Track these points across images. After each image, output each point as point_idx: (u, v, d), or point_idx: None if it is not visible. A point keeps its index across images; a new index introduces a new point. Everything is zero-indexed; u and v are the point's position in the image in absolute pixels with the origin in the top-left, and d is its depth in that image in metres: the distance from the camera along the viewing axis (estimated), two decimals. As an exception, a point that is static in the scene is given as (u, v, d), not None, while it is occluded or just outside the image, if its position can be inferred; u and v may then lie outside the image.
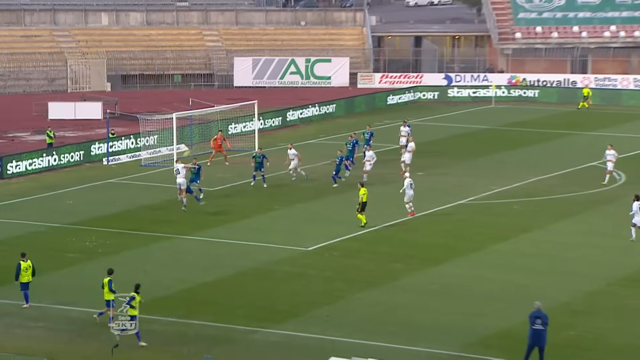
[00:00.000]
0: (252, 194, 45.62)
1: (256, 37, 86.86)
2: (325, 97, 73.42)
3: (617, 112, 71.06)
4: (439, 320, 29.23)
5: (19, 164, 50.63)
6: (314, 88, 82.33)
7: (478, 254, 35.94)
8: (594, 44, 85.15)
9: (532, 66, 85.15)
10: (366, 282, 32.80)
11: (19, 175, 50.19)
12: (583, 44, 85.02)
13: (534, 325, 25.37)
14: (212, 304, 30.77)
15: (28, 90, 79.17)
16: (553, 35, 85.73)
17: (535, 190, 46.07)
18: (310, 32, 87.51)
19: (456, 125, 65.46)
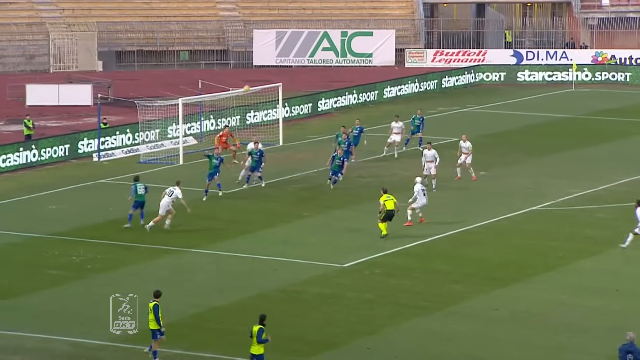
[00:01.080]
0: (275, 197, 45.68)
1: (281, 5, 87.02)
2: (366, 79, 73.45)
3: None
4: (508, 355, 29.08)
5: (-9, 160, 51.04)
6: (351, 68, 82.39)
7: (556, 274, 35.76)
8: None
9: (623, 40, 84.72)
10: (416, 307, 32.71)
11: (-9, 174, 50.59)
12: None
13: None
14: (228, 333, 30.79)
15: (1, 69, 79.82)
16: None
17: (628, 194, 45.73)
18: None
19: (528, 114, 65.28)
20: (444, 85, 74.70)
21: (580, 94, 72.82)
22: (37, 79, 73.59)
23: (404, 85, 72.30)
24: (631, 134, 59.10)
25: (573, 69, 75.79)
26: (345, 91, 68.43)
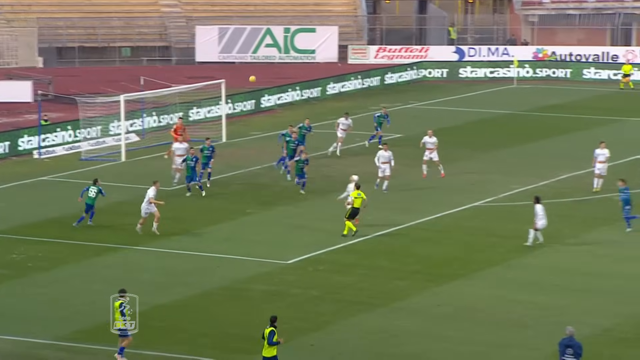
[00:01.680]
0: (220, 194, 45.52)
1: (223, 1, 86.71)
2: (309, 76, 73.38)
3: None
4: (452, 352, 29.16)
5: None
6: (295, 64, 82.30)
7: (500, 269, 35.95)
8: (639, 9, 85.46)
9: (564, 37, 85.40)
10: (361, 303, 32.75)
11: None
12: (626, 9, 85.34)
13: (564, 356, 25.47)
14: (172, 331, 30.63)
15: (-60, 66, 78.77)
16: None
17: (569, 189, 46.17)
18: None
19: (470, 110, 65.59)
20: (386, 82, 74.87)
21: (521, 90, 73.33)
22: (-25, 75, 72.79)
23: (347, 82, 72.38)
24: (572, 130, 59.59)
25: (514, 65, 76.30)
26: (288, 88, 68.37)
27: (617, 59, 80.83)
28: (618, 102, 68.65)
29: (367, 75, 74.11)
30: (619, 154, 52.29)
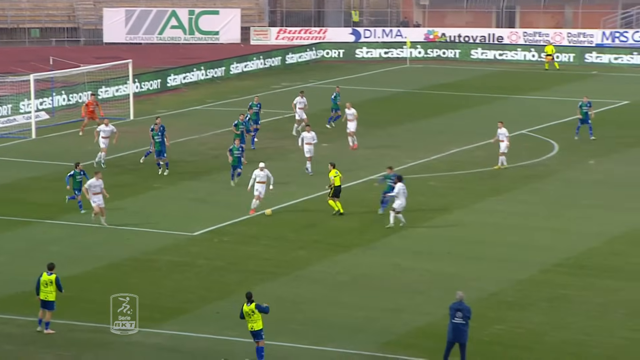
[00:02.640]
0: (129, 170, 45.10)
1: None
2: (213, 56, 72.99)
3: (549, 73, 72.40)
4: (350, 317, 29.31)
5: None
6: (199, 45, 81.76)
7: (393, 239, 36.19)
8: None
9: (453, 19, 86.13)
10: (264, 273, 32.77)
11: None
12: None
13: (454, 319, 25.69)
14: (82, 301, 30.35)
15: None
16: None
17: (458, 163, 46.62)
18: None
19: (366, 89, 65.83)
20: (287, 62, 74.79)
21: (414, 69, 73.81)
22: None
23: (250, 62, 72.15)
24: (461, 107, 60.17)
25: (407, 46, 76.77)
26: (193, 67, 67.93)
27: (502, 40, 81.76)
28: (503, 81, 69.48)
29: (268, 55, 73.96)
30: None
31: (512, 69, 74.11)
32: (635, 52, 75.61)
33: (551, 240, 35.95)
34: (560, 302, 30.48)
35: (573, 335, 28.18)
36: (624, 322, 29.03)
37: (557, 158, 47.42)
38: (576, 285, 31.85)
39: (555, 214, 38.93)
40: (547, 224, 37.83)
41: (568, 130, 52.28)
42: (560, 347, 27.44)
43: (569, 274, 32.80)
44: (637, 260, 34.03)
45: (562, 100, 61.76)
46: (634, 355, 26.93)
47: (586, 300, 30.59)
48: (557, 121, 55.23)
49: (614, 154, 48.16)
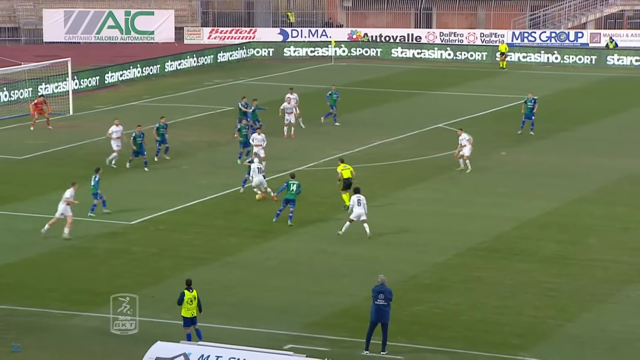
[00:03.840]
0: (66, 162, 44.42)
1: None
2: (149, 54, 72.28)
3: (463, 70, 72.80)
4: (278, 299, 29.18)
5: None
6: (135, 44, 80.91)
7: (320, 226, 36.08)
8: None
9: (374, 20, 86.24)
10: (197, 259, 32.47)
11: None
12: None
13: (377, 301, 25.61)
14: (21, 286, 29.81)
15: None
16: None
17: (380, 154, 46.63)
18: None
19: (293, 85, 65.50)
20: (219, 60, 74.31)
21: (338, 67, 73.75)
22: None
23: (184, 60, 71.56)
24: (383, 102, 60.25)
25: (332, 45, 76.67)
26: (130, 65, 67.16)
27: (420, 39, 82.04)
28: (421, 78, 69.69)
29: (201, 54, 73.42)
30: (422, 124, 53.24)
31: (430, 67, 74.39)
32: (542, 51, 76.31)
33: (466, 226, 36.07)
34: (474, 283, 30.58)
35: (486, 314, 28.28)
36: (532, 301, 29.21)
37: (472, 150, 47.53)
38: (489, 267, 31.98)
39: (469, 201, 39.08)
40: (462, 210, 37.95)
41: (481, 123, 52.56)
42: (474, 325, 27.52)
43: (483, 257, 32.92)
44: (545, 244, 34.27)
45: (476, 96, 62.12)
46: (541, 332, 27.09)
47: (498, 282, 30.72)
48: (471, 115, 55.50)
49: (523, 145, 48.51)
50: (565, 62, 74.82)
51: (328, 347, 25.61)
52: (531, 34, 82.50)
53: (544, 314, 28.24)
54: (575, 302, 29.11)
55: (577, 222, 36.68)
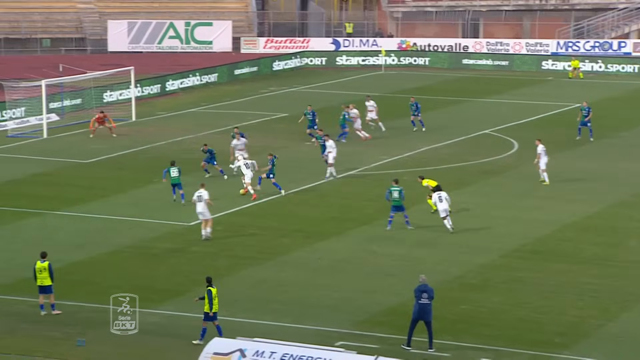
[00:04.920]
0: (128, 166, 44.93)
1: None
2: (207, 63, 72.82)
3: (509, 78, 72.44)
4: (328, 298, 29.27)
5: None
6: (194, 53, 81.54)
7: (368, 228, 36.15)
8: (485, 7, 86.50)
9: (423, 30, 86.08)
10: (251, 259, 32.68)
11: None
12: (474, 7, 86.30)
13: (420, 300, 25.62)
14: (87, 284, 30.23)
15: None
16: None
17: (427, 159, 46.59)
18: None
19: (345, 93, 65.68)
20: (274, 69, 74.64)
21: (388, 75, 73.75)
22: None
23: (240, 69, 72.00)
24: (430, 109, 60.03)
25: (382, 54, 76.69)
26: (189, 73, 67.74)
27: (467, 49, 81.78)
28: (468, 85, 69.49)
29: (257, 63, 73.82)
30: (468, 130, 53.10)
31: (476, 75, 74.11)
32: (586, 60, 75.69)
33: (509, 228, 35.97)
34: (517, 284, 30.50)
35: (529, 313, 28.20)
36: (574, 301, 29.07)
37: (516, 155, 47.42)
38: (531, 268, 31.89)
39: (512, 205, 38.96)
40: (505, 213, 37.84)
41: (526, 130, 52.31)
42: (517, 324, 27.46)
43: (525, 259, 32.83)
44: (585, 246, 34.08)
45: (521, 103, 61.81)
46: (583, 331, 26.96)
47: (540, 282, 30.62)
48: (517, 122, 55.24)
49: (565, 151, 48.22)
50: (609, 71, 74.19)
51: (377, 344, 25.69)
52: (575, 44, 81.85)
53: (585, 313, 28.11)
54: (616, 302, 28.93)
55: (617, 225, 36.42)
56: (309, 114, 50.12)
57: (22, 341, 25.95)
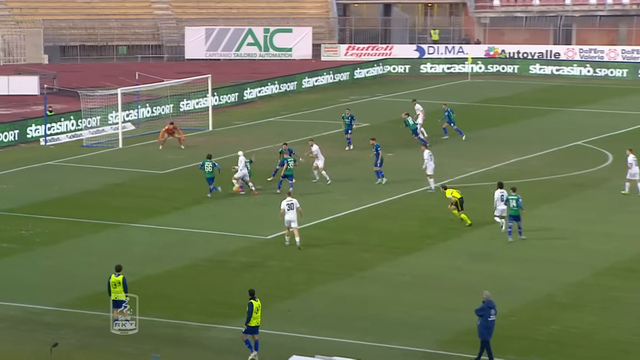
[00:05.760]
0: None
1: (209, 4, 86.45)
2: (286, 71, 73.31)
3: (603, 87, 71.57)
4: (411, 315, 29.28)
5: (-53, 144, 50.07)
6: (273, 61, 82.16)
7: (453, 242, 36.05)
8: (578, 12, 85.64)
9: (512, 37, 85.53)
10: (331, 274, 32.79)
11: (-53, 158, 49.68)
12: (567, 12, 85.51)
13: (489, 317, 25.52)
14: (162, 298, 30.63)
15: (-44, 63, 78.27)
16: (534, 3, 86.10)
17: (516, 172, 46.25)
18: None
19: (429, 102, 65.52)
20: (355, 77, 74.84)
21: (475, 83, 73.43)
22: (-12, 71, 72.38)
23: (320, 77, 72.33)
24: (519, 119, 59.71)
25: (469, 61, 76.39)
26: (268, 82, 68.25)
27: (559, 56, 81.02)
28: (560, 95, 68.83)
29: (338, 70, 74.08)
30: (559, 141, 52.59)
31: (568, 84, 73.39)
32: (686, 67, 74.45)
33: (602, 245, 35.54)
34: (612, 303, 30.12)
35: (623, 334, 27.83)
36: (672, 323, 28.60)
37: (610, 168, 46.83)
38: (627, 287, 31.46)
39: (605, 220, 38.48)
40: (598, 229, 37.40)
41: (621, 141, 51.60)
42: (611, 345, 27.14)
43: (620, 277, 32.39)
44: (684, 265, 33.48)
45: (617, 113, 61.01)
46: (680, 355, 26.52)
47: (636, 302, 30.17)
48: (612, 133, 54.56)
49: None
50: None
51: (461, 364, 25.61)
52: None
53: (683, 336, 27.65)
54: None
55: None
56: (347, 118, 50.66)
57: (95, 356, 26.42)
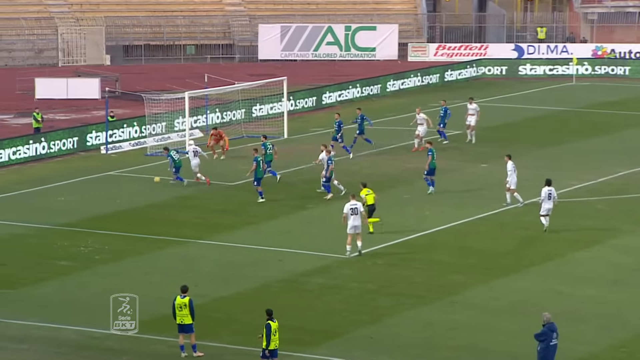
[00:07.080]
0: (281, 190, 45.62)
1: (285, 0, 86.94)
2: (369, 73, 73.39)
3: None
4: (507, 344, 29.12)
5: (1, 152, 51.06)
6: (355, 62, 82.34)
7: (554, 264, 35.77)
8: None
9: (623, 35, 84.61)
10: (418, 297, 32.75)
11: (1, 167, 50.61)
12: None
13: (552, 341, 25.50)
14: (232, 322, 30.85)
15: (11, 63, 79.86)
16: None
17: (626, 186, 45.75)
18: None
19: (528, 107, 65.21)
20: (446, 79, 74.67)
21: (580, 87, 72.79)
22: (46, 72, 73.67)
23: (407, 79, 72.27)
24: (630, 127, 59.04)
25: (573, 62, 75.74)
26: (349, 85, 68.40)
27: (676, 56, 80.00)
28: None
29: (426, 72, 73.92)
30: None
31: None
32: None
33: None
34: None
35: None
36: None
37: None
38: None
39: None
40: None
41: None
42: None
43: None
44: None
45: None
46: None
47: None
48: None
49: None
50: None
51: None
52: None
53: None
54: None
55: None
56: (358, 119, 51.28)
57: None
